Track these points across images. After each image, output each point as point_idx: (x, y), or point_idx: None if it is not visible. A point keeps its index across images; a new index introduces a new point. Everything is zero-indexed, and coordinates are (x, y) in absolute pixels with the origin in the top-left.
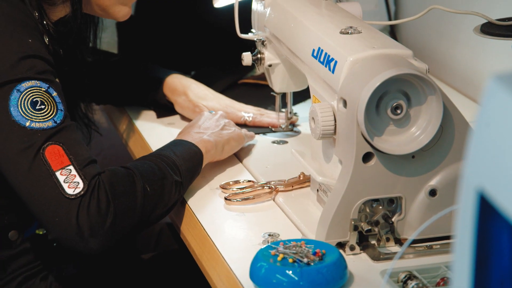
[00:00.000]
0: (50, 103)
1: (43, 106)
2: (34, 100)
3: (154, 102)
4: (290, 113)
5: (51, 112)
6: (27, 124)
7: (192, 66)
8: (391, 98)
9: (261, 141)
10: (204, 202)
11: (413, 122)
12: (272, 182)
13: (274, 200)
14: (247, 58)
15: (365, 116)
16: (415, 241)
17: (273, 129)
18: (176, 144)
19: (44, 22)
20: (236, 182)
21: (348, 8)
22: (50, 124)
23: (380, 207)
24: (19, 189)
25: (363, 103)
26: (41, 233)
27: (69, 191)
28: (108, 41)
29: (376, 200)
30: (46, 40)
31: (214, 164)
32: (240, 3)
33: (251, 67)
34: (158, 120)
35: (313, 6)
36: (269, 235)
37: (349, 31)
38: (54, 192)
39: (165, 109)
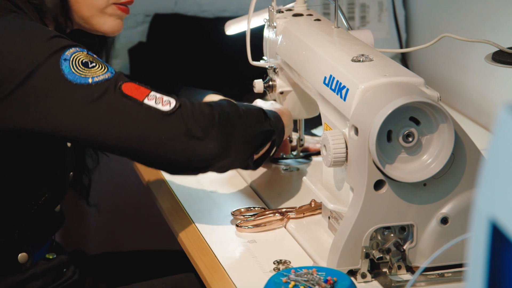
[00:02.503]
0: (97, 61)
1: (94, 64)
2: (83, 61)
3: None
4: (301, 140)
5: (103, 66)
6: (90, 81)
7: None
8: (403, 126)
9: (273, 168)
10: (215, 228)
11: (424, 150)
12: (284, 209)
13: (285, 227)
14: (258, 85)
15: (376, 144)
16: (426, 269)
17: (284, 156)
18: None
19: None
20: (248, 209)
21: (359, 35)
22: (109, 75)
23: (392, 235)
24: (108, 138)
25: (374, 131)
26: (50, 257)
27: (165, 108)
28: (120, 67)
29: (388, 228)
30: None
31: (226, 191)
32: (251, 31)
33: (263, 94)
34: None
35: (324, 34)
36: (280, 262)
37: (361, 59)
38: (151, 116)
39: None
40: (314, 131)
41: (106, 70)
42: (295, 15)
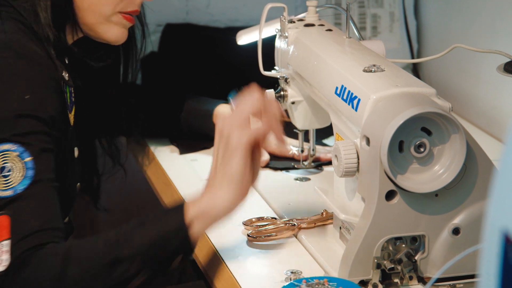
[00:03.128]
0: (19, 170)
1: (9, 173)
2: (2, 166)
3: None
4: (313, 150)
5: (14, 180)
6: None
7: None
8: (414, 136)
9: (284, 178)
10: (226, 238)
11: (436, 161)
12: (295, 219)
13: (296, 237)
14: (270, 95)
15: (388, 154)
16: (438, 280)
17: (295, 165)
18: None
19: (65, 59)
20: (259, 219)
21: (371, 46)
22: (8, 193)
23: (403, 245)
24: None
25: (386, 141)
26: None
27: None
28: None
29: (399, 238)
30: (66, 75)
31: None
32: (263, 41)
33: None
34: (181, 156)
35: (336, 44)
36: (292, 272)
37: (372, 69)
38: None
39: (187, 144)
40: (326, 141)
41: (11, 186)
42: (307, 25)
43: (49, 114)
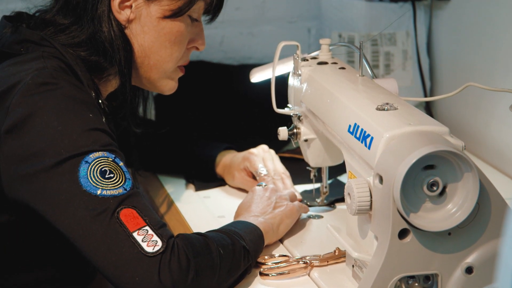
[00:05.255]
0: (118, 172)
1: (112, 175)
2: (103, 169)
3: (201, 176)
4: (326, 187)
5: (120, 180)
6: (98, 192)
7: (228, 139)
8: (427, 175)
9: None
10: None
11: (449, 199)
12: (307, 257)
13: (309, 275)
14: (283, 132)
15: (401, 193)
16: None
17: (308, 203)
18: (236, 222)
19: (100, 101)
20: (271, 256)
21: (384, 84)
22: (120, 191)
23: (416, 284)
24: (93, 254)
25: (399, 180)
26: None
27: (149, 249)
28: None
29: (412, 277)
30: (103, 119)
31: None
32: (276, 78)
33: (287, 142)
34: (194, 193)
35: (349, 82)
36: None
37: (385, 107)
38: (133, 252)
39: (204, 181)
40: (340, 178)
41: (120, 185)
42: (320, 63)
43: (109, 130)
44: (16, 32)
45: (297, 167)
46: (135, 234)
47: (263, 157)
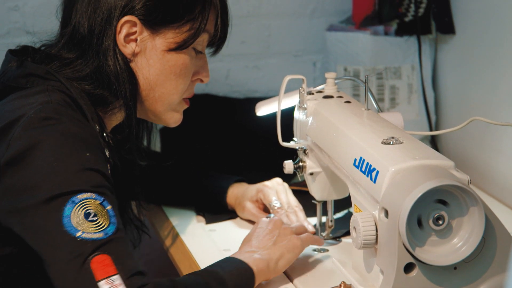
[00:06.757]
0: (103, 215)
1: (95, 218)
2: (87, 211)
3: (211, 208)
4: (331, 221)
5: (103, 224)
6: (78, 234)
7: (234, 172)
8: (433, 209)
9: None
10: None
11: (455, 233)
12: None
13: None
14: (288, 166)
15: (406, 227)
16: None
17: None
18: (226, 261)
19: (104, 134)
20: None
21: (389, 118)
22: (100, 235)
23: None
24: None
25: (404, 214)
26: None
27: None
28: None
29: None
30: (107, 153)
31: None
32: (282, 112)
33: (293, 175)
34: (200, 226)
35: (354, 116)
36: None
37: (391, 141)
38: None
39: (215, 213)
40: (346, 212)
41: (101, 229)
42: (326, 97)
43: (107, 171)
44: (21, 66)
45: (302, 200)
46: (102, 283)
47: (277, 190)
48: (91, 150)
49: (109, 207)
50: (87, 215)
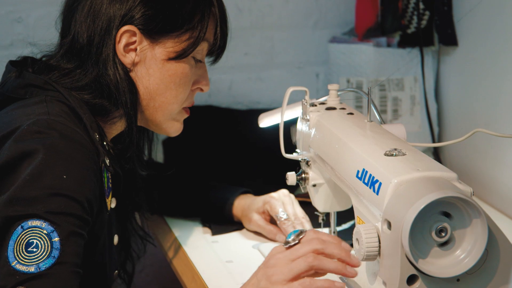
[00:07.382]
0: (45, 248)
1: (35, 250)
2: (30, 241)
3: (217, 219)
4: (334, 233)
5: (39, 257)
6: (13, 263)
7: (237, 184)
8: (436, 221)
9: None
10: None
11: (457, 245)
12: None
13: None
14: (291, 178)
15: (409, 238)
16: None
17: None
18: None
19: (104, 143)
20: None
21: (392, 129)
22: (31, 269)
23: None
24: None
25: (407, 226)
26: None
27: None
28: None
29: None
30: (107, 161)
31: None
32: (285, 123)
33: (296, 187)
34: (203, 237)
35: (357, 128)
36: None
37: (394, 153)
38: None
39: (221, 224)
40: (347, 224)
41: (35, 262)
42: (328, 108)
43: (85, 196)
44: (20, 76)
45: (306, 211)
46: None
47: (283, 201)
48: (74, 170)
49: (55, 239)
50: (28, 245)
